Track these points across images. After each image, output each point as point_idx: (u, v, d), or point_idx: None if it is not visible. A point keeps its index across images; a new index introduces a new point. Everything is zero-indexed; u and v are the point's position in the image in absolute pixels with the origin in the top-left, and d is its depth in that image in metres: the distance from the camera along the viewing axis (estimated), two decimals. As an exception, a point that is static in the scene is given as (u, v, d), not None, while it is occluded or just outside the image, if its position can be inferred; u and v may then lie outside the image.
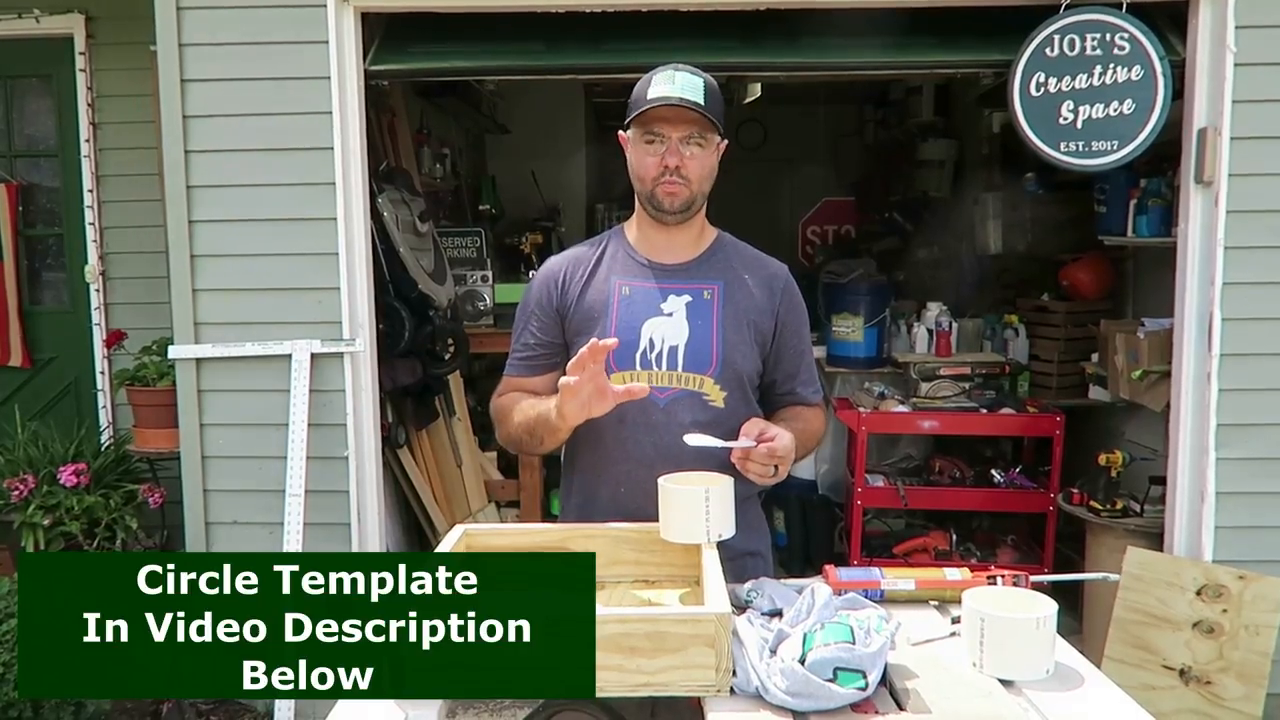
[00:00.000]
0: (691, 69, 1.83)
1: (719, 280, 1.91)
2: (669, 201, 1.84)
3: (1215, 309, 3.21)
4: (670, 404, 1.85)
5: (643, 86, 1.83)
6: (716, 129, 1.82)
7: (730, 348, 1.87)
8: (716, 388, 1.86)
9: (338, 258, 3.34)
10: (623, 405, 1.75)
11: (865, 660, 1.29)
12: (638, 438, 1.84)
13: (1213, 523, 3.26)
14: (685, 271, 1.91)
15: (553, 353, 1.93)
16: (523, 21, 3.43)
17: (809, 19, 3.42)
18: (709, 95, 1.81)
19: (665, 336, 1.85)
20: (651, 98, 1.79)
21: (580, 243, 2.03)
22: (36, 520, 3.48)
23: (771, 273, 1.97)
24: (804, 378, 1.99)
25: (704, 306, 1.88)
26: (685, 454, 1.76)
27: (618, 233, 1.99)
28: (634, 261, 1.92)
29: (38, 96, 4.54)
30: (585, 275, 1.92)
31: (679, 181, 1.82)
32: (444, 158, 5.28)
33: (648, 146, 1.82)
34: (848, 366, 4.70)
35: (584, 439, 1.87)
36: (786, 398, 1.98)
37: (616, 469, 1.87)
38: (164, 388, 3.69)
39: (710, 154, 1.85)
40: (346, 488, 3.41)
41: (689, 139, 1.81)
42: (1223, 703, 3.07)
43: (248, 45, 3.30)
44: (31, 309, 4.60)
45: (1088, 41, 3.17)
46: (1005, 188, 5.02)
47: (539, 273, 1.99)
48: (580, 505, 1.94)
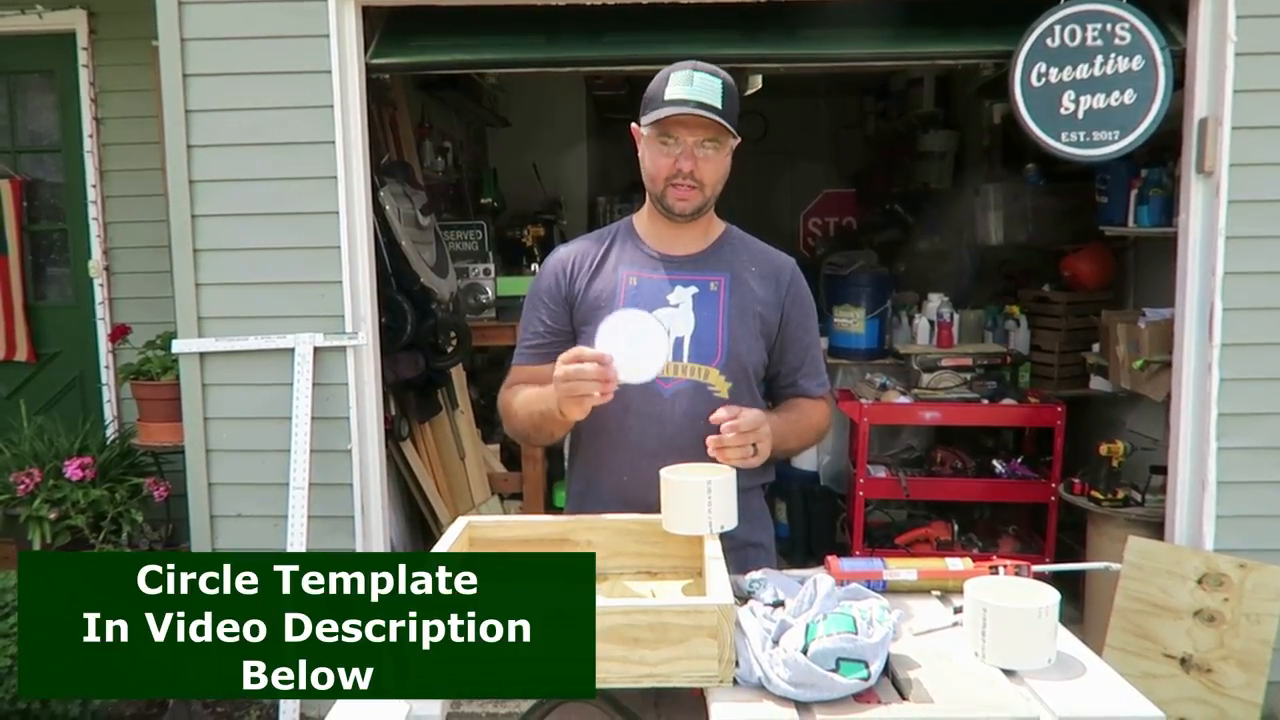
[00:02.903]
0: (710, 69, 1.81)
1: (726, 272, 1.91)
2: (680, 206, 1.85)
3: (1216, 299, 3.21)
4: (675, 394, 1.85)
5: (659, 84, 1.81)
6: (732, 132, 1.82)
7: (736, 339, 1.87)
8: (722, 379, 1.87)
9: (340, 251, 3.35)
10: (628, 395, 1.76)
11: (868, 650, 1.30)
12: (643, 427, 1.85)
13: (1213, 512, 3.27)
14: (693, 263, 1.92)
15: (561, 340, 1.93)
16: (523, 15, 3.43)
17: (808, 11, 3.42)
18: (726, 97, 1.80)
19: (672, 327, 1.85)
20: (669, 99, 1.77)
21: (588, 234, 2.04)
22: (42, 514, 3.50)
23: (778, 265, 1.97)
24: (808, 370, 1.99)
25: (710, 298, 1.88)
26: (689, 444, 1.77)
27: (626, 224, 2.00)
28: (642, 253, 1.93)
29: (41, 92, 4.55)
30: (594, 265, 1.93)
31: (692, 186, 1.82)
32: (445, 151, 5.28)
33: (662, 148, 1.82)
34: (849, 358, 4.70)
35: (588, 428, 1.87)
36: (789, 389, 1.99)
37: (620, 458, 1.88)
38: (168, 382, 3.70)
39: (724, 156, 1.85)
40: (350, 481, 3.43)
41: (703, 143, 1.80)
42: (1224, 691, 3.08)
43: (249, 40, 3.31)
44: (36, 304, 4.61)
45: (1088, 32, 3.16)
46: (1006, 179, 5.01)
47: (547, 262, 2.00)
48: (582, 493, 1.95)
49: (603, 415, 1.76)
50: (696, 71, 1.79)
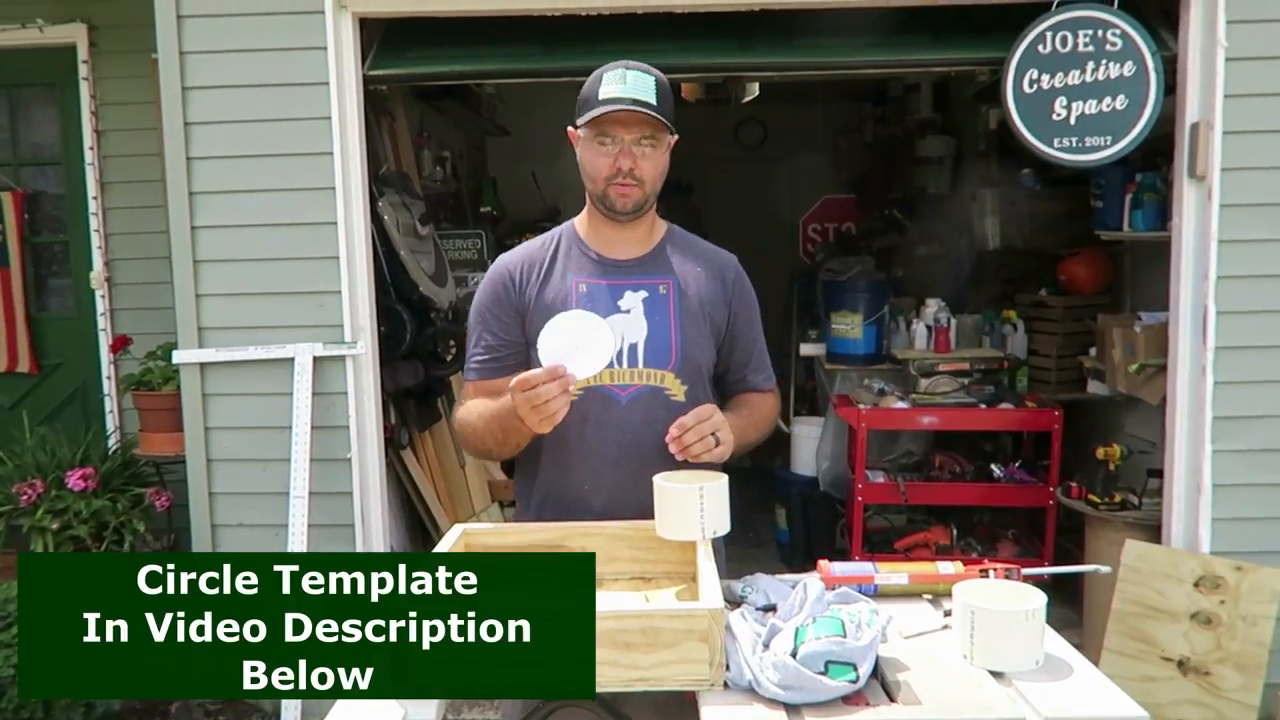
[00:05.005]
0: (642, 67, 1.83)
1: (672, 274, 1.92)
2: (621, 203, 1.85)
3: (1209, 302, 3.22)
4: (632, 401, 1.85)
5: (593, 85, 1.83)
6: (668, 129, 1.83)
7: (689, 341, 1.88)
8: (677, 382, 1.87)
9: (338, 261, 3.37)
10: (585, 404, 1.78)
11: (856, 653, 1.31)
12: (601, 435, 1.84)
13: (1210, 514, 3.28)
14: (640, 267, 1.92)
15: (514, 351, 1.90)
16: (520, 25, 3.45)
17: (804, 19, 3.44)
18: (660, 94, 1.81)
19: (625, 334, 1.85)
20: (603, 99, 1.79)
21: (529, 241, 2.02)
22: (45, 524, 3.51)
23: (723, 264, 1.99)
24: (756, 365, 2.01)
25: (661, 302, 1.89)
26: (649, 450, 1.77)
27: (569, 229, 1.99)
28: (588, 259, 1.92)
29: (42, 105, 4.58)
30: (542, 273, 1.91)
31: (632, 183, 1.83)
32: (444, 160, 5.31)
33: (600, 147, 1.83)
34: (847, 363, 4.71)
35: (546, 439, 1.85)
36: (738, 385, 2.01)
37: (581, 467, 1.86)
38: (169, 392, 3.73)
39: (662, 154, 1.86)
40: (350, 489, 3.45)
41: (641, 140, 1.82)
42: (1221, 693, 3.09)
43: (247, 52, 3.34)
44: (38, 315, 4.64)
45: (1080, 38, 3.19)
46: (1003, 183, 5.03)
47: (490, 273, 1.97)
48: (542, 504, 1.92)
49: (561, 425, 1.76)
50: (629, 70, 1.81)
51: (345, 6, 3.33)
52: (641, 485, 1.75)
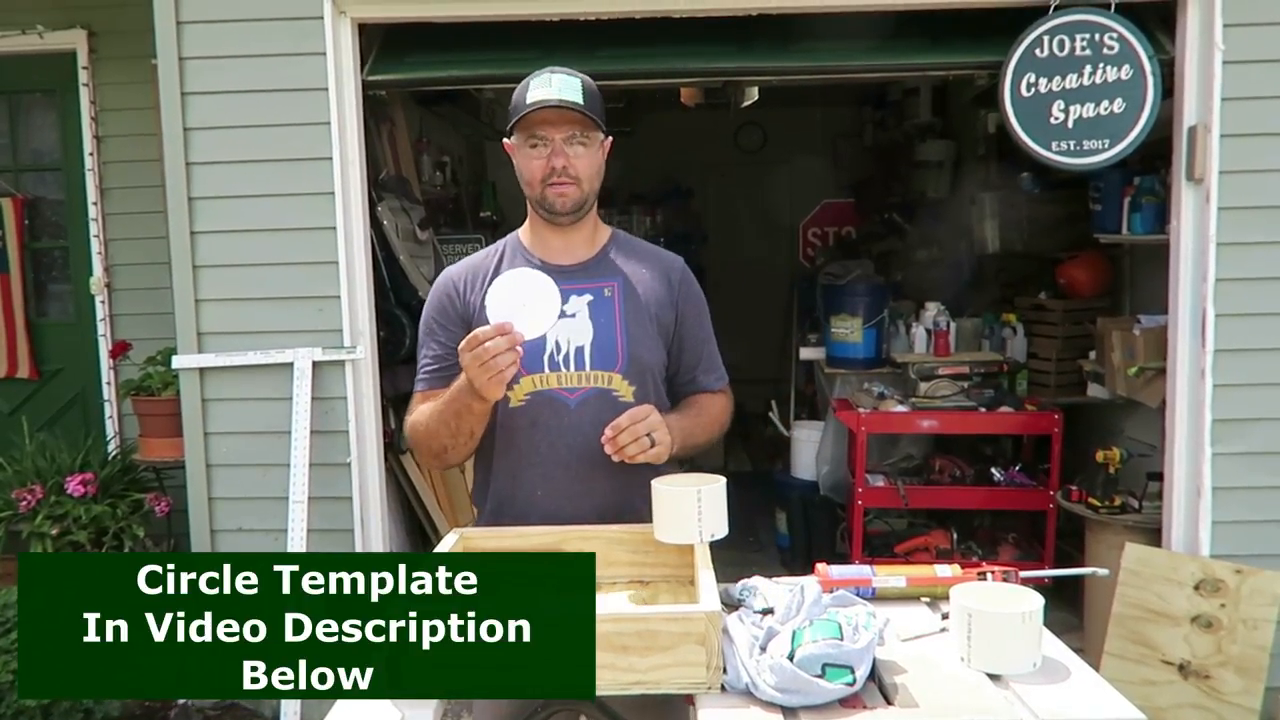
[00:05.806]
0: (567, 70, 1.85)
1: (617, 277, 1.92)
2: (560, 203, 1.86)
3: (1208, 305, 3.23)
4: (581, 404, 1.85)
5: (520, 93, 1.84)
6: (599, 127, 1.84)
7: (635, 342, 1.88)
8: (625, 383, 1.87)
9: (338, 266, 3.38)
10: (534, 409, 1.80)
11: (853, 656, 1.31)
12: (552, 439, 1.85)
13: (1210, 518, 3.28)
14: (584, 271, 1.93)
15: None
16: (518, 30, 3.46)
17: (802, 23, 3.45)
18: (587, 94, 1.83)
19: (570, 337, 1.86)
20: (530, 102, 1.80)
21: (476, 253, 2.04)
22: (44, 530, 3.52)
23: (668, 265, 1.99)
24: (705, 365, 2.01)
25: (605, 304, 1.89)
26: (600, 452, 1.77)
27: (513, 239, 2.01)
28: (531, 265, 1.92)
29: (42, 111, 4.60)
30: (485, 282, 1.90)
31: (568, 181, 1.84)
32: (444, 165, 5.31)
33: (532, 150, 1.85)
34: (847, 367, 4.72)
35: (495, 443, 1.87)
36: (689, 386, 2.00)
37: (532, 472, 1.87)
38: (168, 397, 3.73)
39: (595, 152, 1.87)
40: (350, 494, 3.45)
41: (572, 139, 1.83)
42: (1221, 697, 3.09)
43: (247, 58, 3.34)
44: (38, 321, 4.65)
45: (1077, 42, 3.19)
46: (1002, 187, 5.03)
47: (435, 285, 1.99)
48: (496, 509, 1.92)
49: (509, 430, 1.76)
50: (555, 74, 1.83)
51: (344, 12, 3.34)
52: (594, 488, 1.77)
